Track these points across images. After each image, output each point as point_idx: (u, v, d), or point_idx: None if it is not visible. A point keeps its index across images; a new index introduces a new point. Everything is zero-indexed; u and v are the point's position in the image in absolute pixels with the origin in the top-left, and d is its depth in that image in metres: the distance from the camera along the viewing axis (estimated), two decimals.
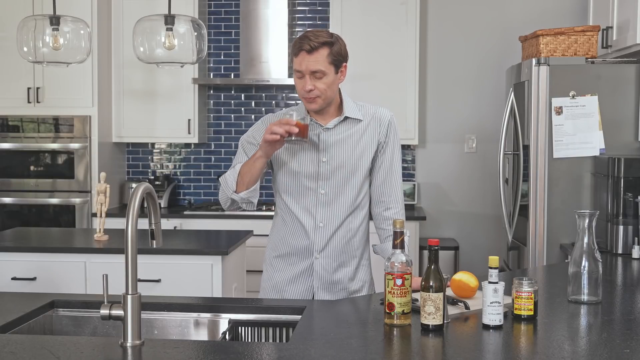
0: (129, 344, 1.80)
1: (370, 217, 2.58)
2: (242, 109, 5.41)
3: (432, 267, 1.91)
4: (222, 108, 5.42)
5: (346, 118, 2.47)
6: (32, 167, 4.93)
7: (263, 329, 2.22)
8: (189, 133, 5.09)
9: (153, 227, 1.97)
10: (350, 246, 2.53)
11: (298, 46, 2.37)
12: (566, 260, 3.34)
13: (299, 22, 5.31)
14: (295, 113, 2.39)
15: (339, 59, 2.40)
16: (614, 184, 3.41)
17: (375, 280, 2.65)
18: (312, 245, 2.49)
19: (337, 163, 2.46)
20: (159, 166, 5.47)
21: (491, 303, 1.93)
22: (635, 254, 3.16)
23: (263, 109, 5.38)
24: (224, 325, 2.22)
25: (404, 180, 5.21)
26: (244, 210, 2.53)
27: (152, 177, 5.31)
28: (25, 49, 3.59)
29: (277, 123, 2.33)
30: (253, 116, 5.39)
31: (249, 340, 2.22)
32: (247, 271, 4.05)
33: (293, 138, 2.32)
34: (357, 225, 2.54)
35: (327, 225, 2.48)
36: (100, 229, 3.66)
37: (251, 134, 2.56)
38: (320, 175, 2.46)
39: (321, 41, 2.36)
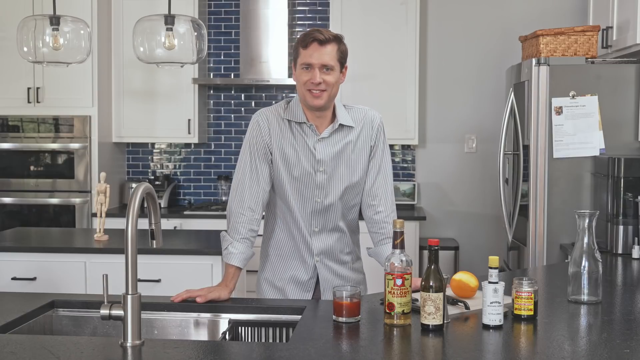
0: (129, 344, 1.80)
1: (361, 217, 2.57)
2: (242, 109, 5.41)
3: (432, 267, 1.91)
4: (222, 108, 5.42)
5: (341, 126, 2.42)
6: (32, 167, 4.93)
7: (263, 329, 2.22)
8: (189, 133, 5.09)
9: (153, 227, 1.97)
10: (348, 248, 2.54)
11: (309, 38, 2.30)
12: (566, 260, 3.34)
13: (299, 22, 5.31)
14: (345, 292, 2.03)
15: (344, 58, 2.38)
16: (614, 184, 3.41)
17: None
18: (311, 248, 2.49)
19: (334, 172, 2.43)
20: (159, 166, 5.47)
21: (491, 303, 1.93)
22: (635, 254, 3.16)
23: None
24: (224, 325, 2.22)
25: (404, 181, 5.22)
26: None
27: (152, 177, 5.31)
28: (25, 49, 3.59)
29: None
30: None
31: (249, 340, 2.22)
32: (247, 271, 4.05)
33: (344, 320, 2.02)
34: (352, 228, 2.54)
35: (323, 229, 2.47)
36: (100, 229, 3.66)
37: (257, 140, 2.42)
38: (317, 184, 2.43)
39: (332, 35, 2.33)
